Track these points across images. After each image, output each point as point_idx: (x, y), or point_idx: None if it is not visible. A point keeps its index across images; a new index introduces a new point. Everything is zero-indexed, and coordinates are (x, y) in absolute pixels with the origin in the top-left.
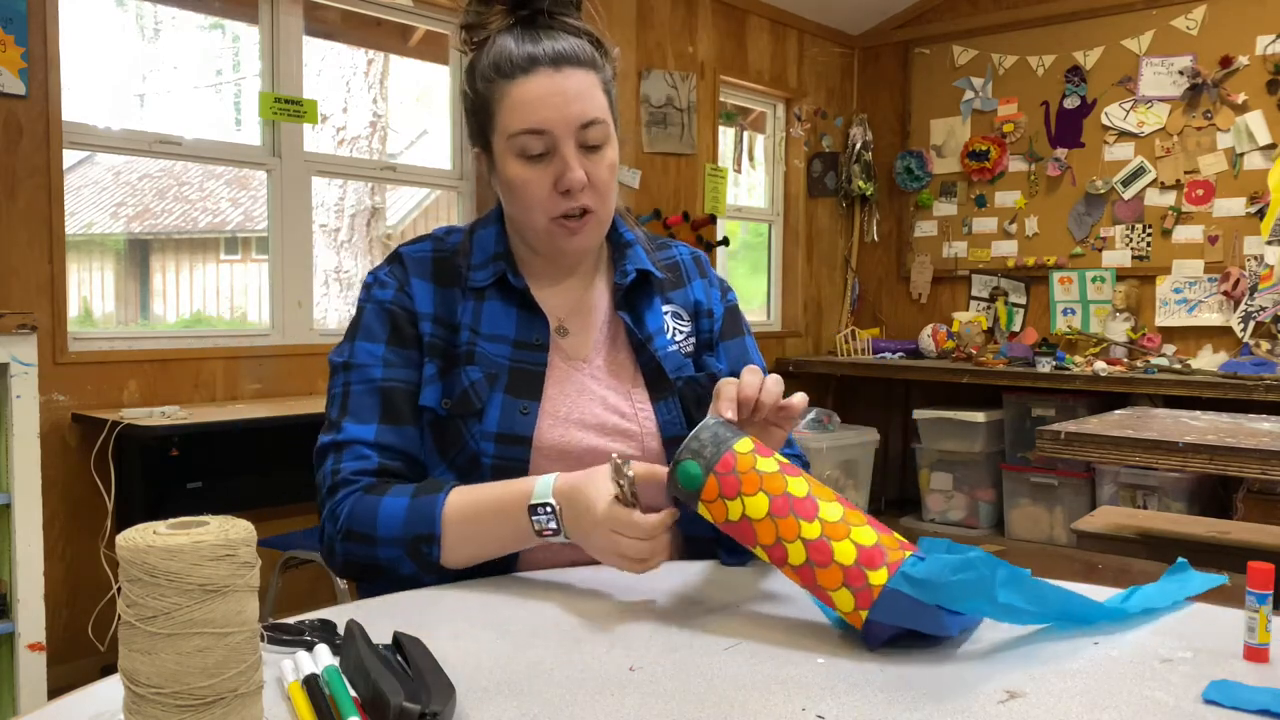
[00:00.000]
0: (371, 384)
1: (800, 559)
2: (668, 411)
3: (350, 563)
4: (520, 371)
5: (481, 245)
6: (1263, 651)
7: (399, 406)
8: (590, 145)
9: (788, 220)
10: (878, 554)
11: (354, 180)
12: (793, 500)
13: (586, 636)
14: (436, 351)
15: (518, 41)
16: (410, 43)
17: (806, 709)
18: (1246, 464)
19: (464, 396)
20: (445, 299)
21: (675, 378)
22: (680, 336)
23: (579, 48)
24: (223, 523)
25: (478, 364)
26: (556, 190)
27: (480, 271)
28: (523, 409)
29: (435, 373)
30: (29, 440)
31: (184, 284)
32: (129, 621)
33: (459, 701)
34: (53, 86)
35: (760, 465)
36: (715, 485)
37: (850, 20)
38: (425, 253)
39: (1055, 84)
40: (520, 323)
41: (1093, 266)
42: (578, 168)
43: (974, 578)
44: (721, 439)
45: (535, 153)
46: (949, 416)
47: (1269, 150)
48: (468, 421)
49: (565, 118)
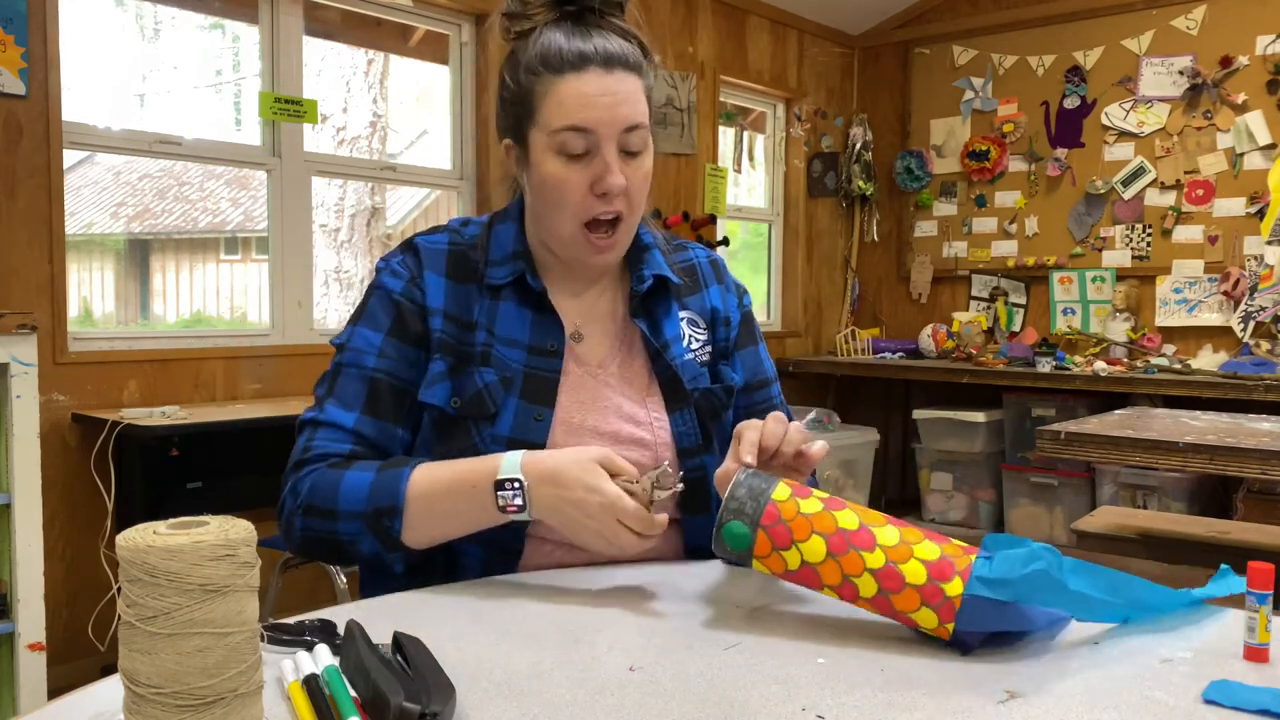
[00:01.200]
0: (363, 371)
1: (872, 591)
2: (683, 422)
3: (309, 538)
4: (534, 377)
5: (500, 241)
6: (1263, 651)
7: (383, 399)
8: (630, 151)
9: (788, 220)
10: (947, 565)
11: (354, 180)
12: (848, 535)
13: (586, 636)
14: (448, 349)
15: (568, 36)
16: (410, 43)
17: (806, 709)
18: (1246, 464)
19: (477, 398)
20: (460, 295)
21: (692, 388)
22: (696, 345)
23: (629, 51)
24: (223, 523)
25: (493, 366)
26: (593, 192)
27: (498, 269)
28: (537, 415)
29: (444, 370)
30: (29, 440)
31: (184, 284)
32: (129, 621)
33: (459, 701)
34: (53, 86)
35: (805, 508)
36: (766, 540)
37: (850, 20)
38: (441, 245)
39: (1055, 84)
40: (535, 327)
41: (1093, 266)
42: (618, 171)
43: (1043, 568)
44: (758, 491)
45: (576, 151)
46: (949, 416)
47: (1269, 150)
48: (479, 424)
49: (613, 119)
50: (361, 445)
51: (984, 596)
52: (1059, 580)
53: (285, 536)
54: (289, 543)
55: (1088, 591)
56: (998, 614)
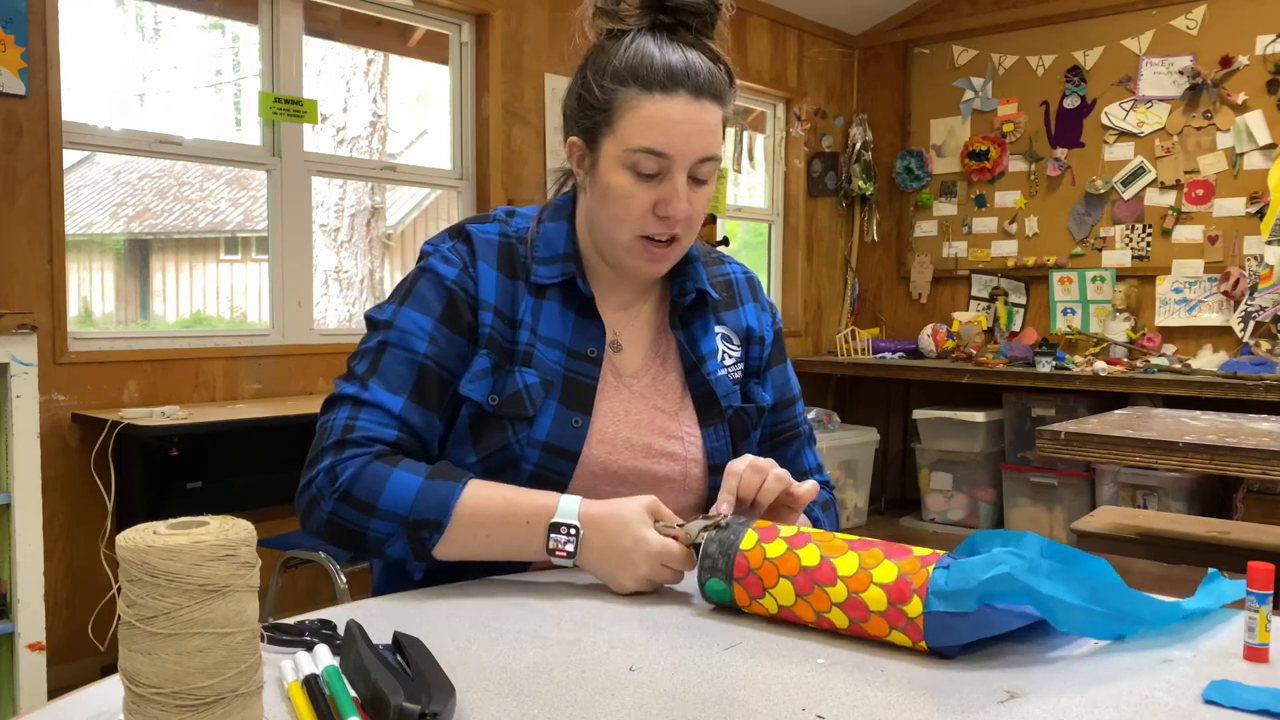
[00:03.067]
0: (412, 355)
1: (844, 623)
2: (716, 439)
3: (335, 525)
4: (574, 382)
5: (549, 239)
6: (1263, 651)
7: (430, 389)
8: (699, 179)
9: (788, 220)
10: (905, 586)
11: (354, 180)
12: (810, 572)
13: (586, 636)
14: (494, 346)
15: (661, 50)
16: (410, 43)
17: (806, 709)
18: (1246, 464)
19: (516, 398)
20: (509, 291)
21: (725, 405)
22: (730, 361)
23: (718, 80)
24: (223, 523)
25: (534, 367)
26: (655, 213)
27: (545, 267)
28: (575, 422)
29: (489, 366)
30: (29, 440)
31: (184, 284)
32: (129, 621)
33: (459, 701)
34: (53, 86)
35: (770, 552)
36: (743, 592)
37: (850, 20)
38: (493, 235)
39: (1055, 84)
40: (578, 330)
41: (1093, 266)
42: (685, 200)
43: (1005, 572)
44: (727, 544)
45: (648, 172)
46: (949, 416)
47: (1269, 150)
48: (516, 424)
49: (690, 150)
50: (406, 433)
51: (943, 612)
52: (1025, 584)
53: (305, 514)
54: (307, 521)
55: (1064, 597)
56: (965, 624)
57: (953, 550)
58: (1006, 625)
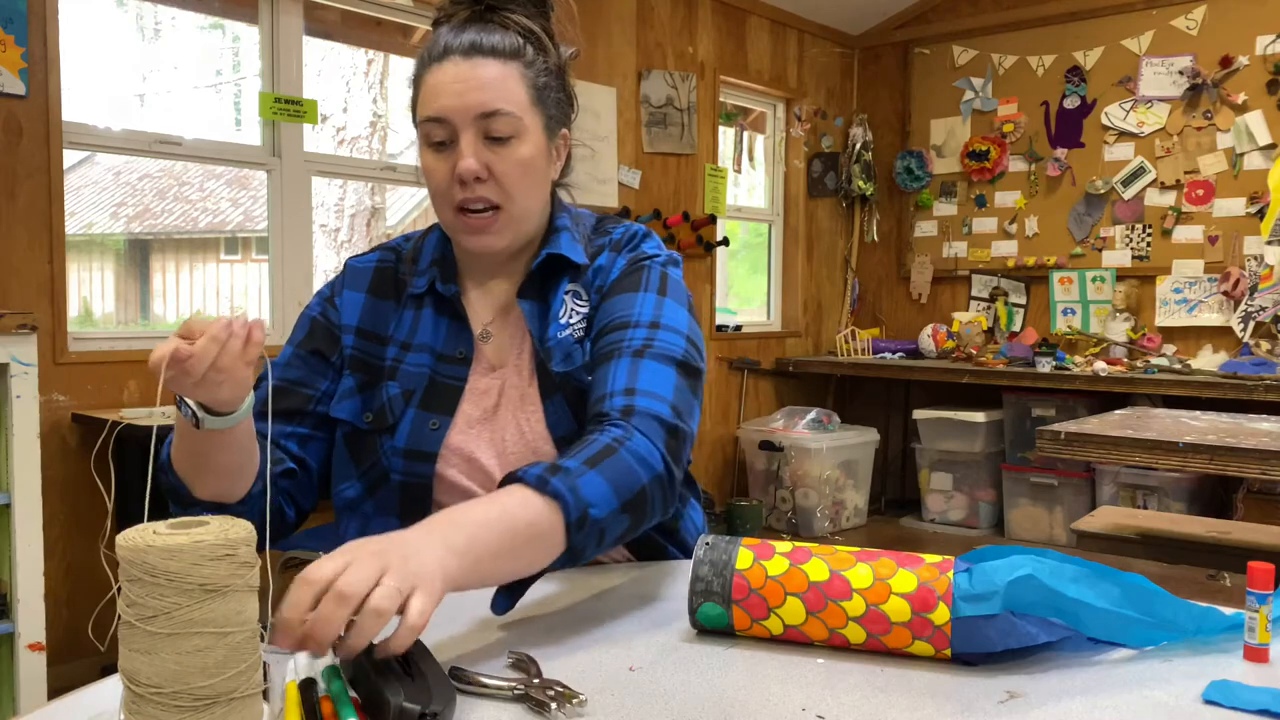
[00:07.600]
0: (279, 382)
1: (861, 638)
2: (553, 411)
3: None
4: (438, 386)
5: (427, 250)
6: (1263, 651)
7: (291, 403)
8: (495, 137)
9: (788, 220)
10: (929, 594)
11: (354, 180)
12: (821, 588)
13: (586, 636)
14: (358, 365)
15: (450, 32)
16: (410, 42)
17: (806, 709)
18: (1246, 464)
19: (381, 411)
20: (376, 311)
21: (558, 372)
22: (576, 318)
23: (503, 40)
24: (223, 523)
25: (398, 379)
26: (458, 181)
27: (420, 278)
28: (432, 424)
29: (354, 386)
30: (29, 440)
31: (184, 284)
32: (129, 621)
33: (459, 702)
34: (53, 86)
35: (772, 570)
36: (743, 615)
37: (850, 20)
38: (369, 263)
39: (1055, 84)
40: (448, 334)
41: (1093, 266)
42: (469, 156)
43: (1028, 574)
44: (721, 565)
45: (438, 140)
46: (949, 416)
47: (1269, 150)
48: (382, 437)
49: (465, 106)
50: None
51: (973, 615)
52: (1051, 587)
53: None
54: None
55: (1093, 601)
56: (992, 631)
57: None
58: (1033, 639)
